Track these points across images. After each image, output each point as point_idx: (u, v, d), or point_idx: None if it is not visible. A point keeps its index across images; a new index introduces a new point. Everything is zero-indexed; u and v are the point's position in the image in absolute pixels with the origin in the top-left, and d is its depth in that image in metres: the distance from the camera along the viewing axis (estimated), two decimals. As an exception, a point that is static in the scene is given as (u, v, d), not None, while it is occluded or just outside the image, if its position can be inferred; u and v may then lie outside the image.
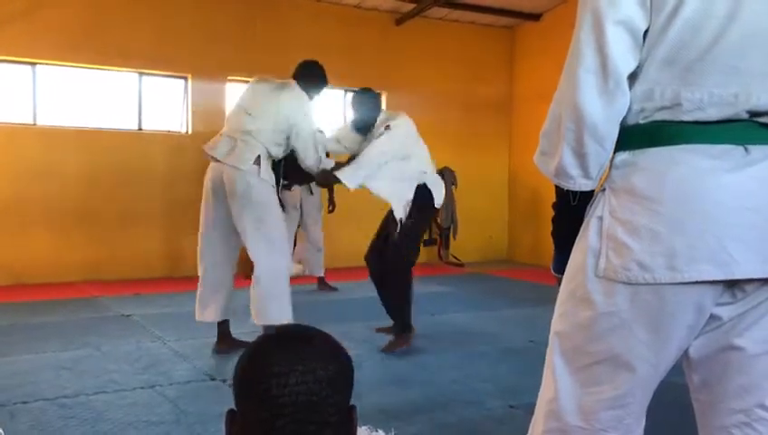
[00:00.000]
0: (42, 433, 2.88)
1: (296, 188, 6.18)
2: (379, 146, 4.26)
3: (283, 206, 6.12)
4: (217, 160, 4.13)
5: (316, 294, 6.73)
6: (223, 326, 4.32)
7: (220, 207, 4.15)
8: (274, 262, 4.10)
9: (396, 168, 4.29)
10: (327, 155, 4.54)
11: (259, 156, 4.04)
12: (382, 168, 4.24)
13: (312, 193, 6.59)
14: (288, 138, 4.17)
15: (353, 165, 4.27)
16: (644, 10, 1.22)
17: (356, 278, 7.64)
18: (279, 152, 4.22)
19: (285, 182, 6.15)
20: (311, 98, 4.35)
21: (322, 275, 7.03)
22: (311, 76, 4.42)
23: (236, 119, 4.25)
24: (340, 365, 1.03)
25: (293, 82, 4.34)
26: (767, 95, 1.23)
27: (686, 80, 1.23)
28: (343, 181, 4.19)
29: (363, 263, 4.72)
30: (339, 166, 4.32)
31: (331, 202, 6.80)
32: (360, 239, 8.85)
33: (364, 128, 4.48)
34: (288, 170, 5.27)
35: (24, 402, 3.26)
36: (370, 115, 4.46)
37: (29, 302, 6.03)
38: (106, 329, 4.92)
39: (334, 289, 6.86)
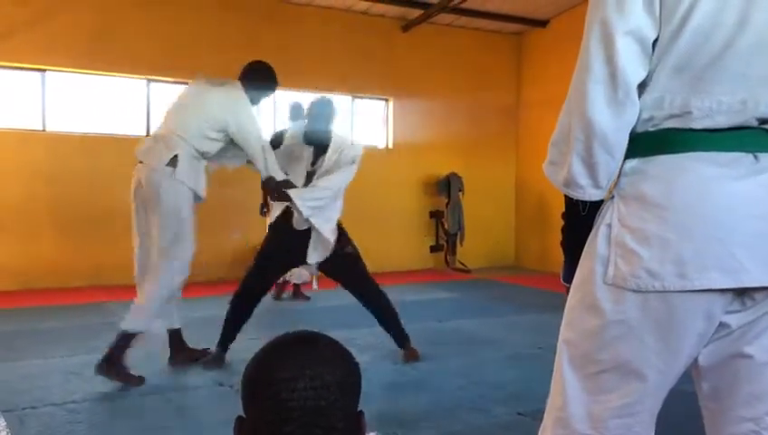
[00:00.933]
0: (50, 438, 2.89)
1: None
2: (345, 179, 4.10)
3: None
4: (140, 161, 3.90)
5: (315, 301, 6.70)
6: (174, 336, 4.15)
7: (141, 211, 3.93)
8: (163, 275, 3.85)
9: (339, 202, 4.18)
10: None
11: (176, 155, 3.75)
12: (334, 201, 4.11)
13: None
14: (227, 135, 3.89)
15: (313, 191, 4.01)
16: (653, 19, 1.22)
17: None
18: (212, 148, 3.89)
19: (265, 209, 6.17)
20: (254, 101, 4.06)
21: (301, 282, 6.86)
22: (255, 78, 4.08)
23: (166, 117, 4.00)
24: (347, 370, 1.04)
25: (236, 82, 4.05)
26: None
27: (695, 88, 1.24)
28: (297, 204, 3.94)
29: (373, 269, 4.65)
30: (290, 183, 4.03)
31: (266, 205, 6.44)
32: (371, 247, 8.87)
33: (316, 140, 4.15)
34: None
35: (33, 407, 3.27)
36: (327, 127, 4.18)
37: (37, 307, 6.06)
38: (114, 334, 4.92)
39: (307, 298, 6.68)
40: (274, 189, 4.00)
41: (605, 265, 1.30)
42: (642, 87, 1.27)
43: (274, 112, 8.46)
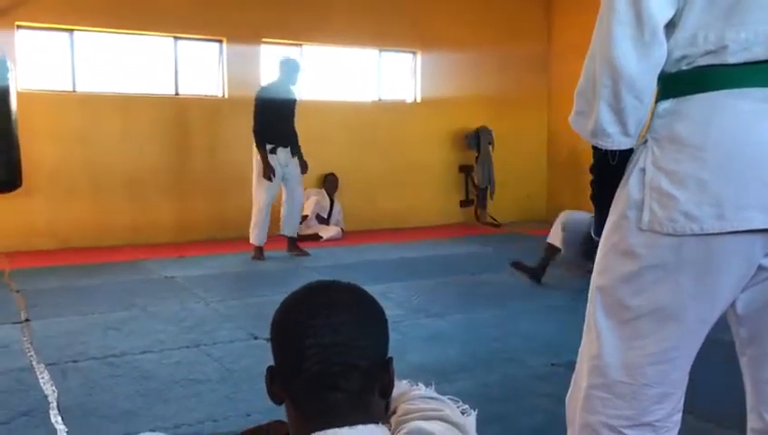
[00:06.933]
0: (92, 391, 2.98)
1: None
2: None
3: (273, 171, 6.14)
4: None
5: (350, 256, 6.73)
6: None
7: None
8: None
9: None
10: None
11: None
12: None
13: (294, 155, 6.48)
14: None
15: None
16: None
17: (395, 239, 7.68)
18: None
19: (272, 146, 6.17)
20: None
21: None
22: None
23: None
24: (367, 310, 1.05)
25: None
26: None
27: (729, 20, 1.18)
28: None
29: (403, 224, 4.83)
30: None
31: (303, 163, 6.51)
32: (400, 202, 8.89)
33: None
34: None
35: (75, 361, 3.36)
36: None
37: (76, 265, 6.19)
38: (151, 291, 5.03)
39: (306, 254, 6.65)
40: None
41: (639, 210, 1.27)
42: (672, 26, 1.22)
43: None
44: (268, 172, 6.16)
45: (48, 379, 3.08)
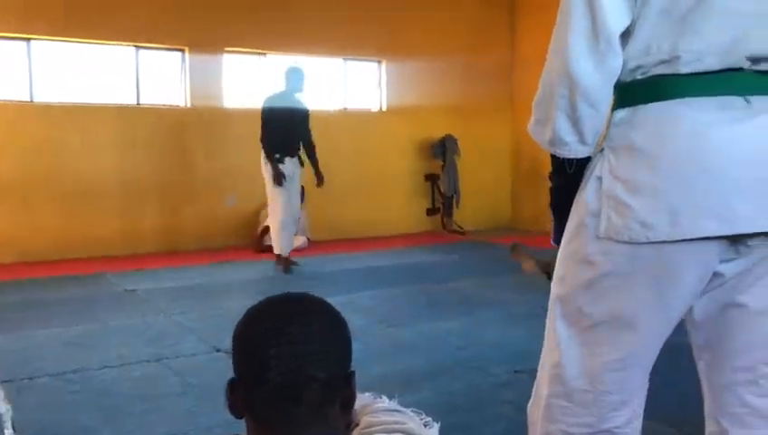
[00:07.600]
0: (48, 409, 2.90)
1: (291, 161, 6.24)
2: None
3: (284, 176, 6.12)
4: None
5: (314, 266, 6.70)
6: None
7: None
8: None
9: None
10: None
11: None
12: None
13: (302, 165, 6.46)
14: None
15: None
16: None
17: (361, 248, 7.67)
18: None
19: (278, 156, 6.15)
20: None
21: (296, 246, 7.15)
22: None
23: None
24: (332, 323, 1.04)
25: None
26: (766, 38, 1.19)
27: (683, 30, 1.20)
28: None
29: (369, 233, 4.73)
30: None
31: (319, 176, 6.53)
32: (366, 211, 8.88)
33: None
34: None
35: (31, 378, 3.28)
36: None
37: (34, 278, 6.05)
38: (111, 304, 4.94)
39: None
40: None
41: (596, 218, 1.28)
42: (627, 36, 1.24)
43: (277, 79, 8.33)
44: (279, 178, 6.14)
45: (3, 396, 2.99)
